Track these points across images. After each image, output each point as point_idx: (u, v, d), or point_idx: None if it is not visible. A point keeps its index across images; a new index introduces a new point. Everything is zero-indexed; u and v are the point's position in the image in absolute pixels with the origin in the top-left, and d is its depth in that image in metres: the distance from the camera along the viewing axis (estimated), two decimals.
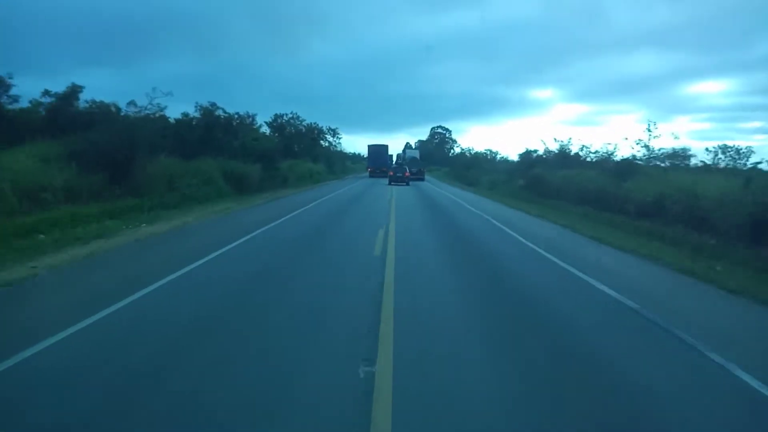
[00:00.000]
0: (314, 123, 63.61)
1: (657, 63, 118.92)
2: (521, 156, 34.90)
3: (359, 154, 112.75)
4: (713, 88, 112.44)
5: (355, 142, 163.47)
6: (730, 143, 22.01)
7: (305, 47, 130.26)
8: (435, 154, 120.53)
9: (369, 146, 57.84)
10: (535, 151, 34.12)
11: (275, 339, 4.73)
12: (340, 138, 64.25)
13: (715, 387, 4.11)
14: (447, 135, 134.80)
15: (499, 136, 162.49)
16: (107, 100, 20.03)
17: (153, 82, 53.99)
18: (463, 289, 7.11)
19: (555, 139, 27.63)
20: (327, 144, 63.94)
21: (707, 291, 7.61)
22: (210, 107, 30.24)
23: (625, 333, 5.41)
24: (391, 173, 39.23)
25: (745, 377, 4.16)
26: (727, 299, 7.13)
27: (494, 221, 15.46)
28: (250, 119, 33.74)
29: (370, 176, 49.88)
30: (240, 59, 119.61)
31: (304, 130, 61.47)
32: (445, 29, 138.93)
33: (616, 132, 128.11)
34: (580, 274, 7.97)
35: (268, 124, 54.80)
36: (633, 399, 3.73)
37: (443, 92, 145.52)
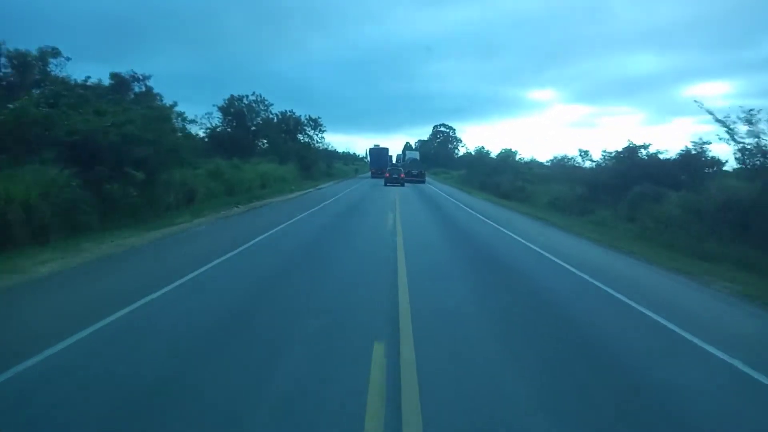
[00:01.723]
0: (289, 111, 48.84)
1: (658, 64, 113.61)
2: (619, 155, 19.91)
3: (354, 153, 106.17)
4: (714, 90, 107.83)
5: (353, 143, 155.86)
6: None
7: (303, 44, 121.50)
8: (439, 154, 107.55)
9: (371, 149, 57.69)
10: (644, 146, 19.39)
11: None
12: (323, 131, 49.62)
13: None
14: (451, 133, 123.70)
15: (495, 136, 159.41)
16: None
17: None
18: None
19: None
20: (307, 139, 49.31)
21: None
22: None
23: None
24: (387, 175, 39.40)
25: None
26: None
27: None
28: (140, 81, 18.99)
29: (372, 177, 49.67)
30: (235, 56, 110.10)
31: (275, 119, 46.72)
32: (444, 28, 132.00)
33: (616, 134, 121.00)
34: None
35: (220, 109, 40.10)
36: None
37: (442, 91, 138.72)
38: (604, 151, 21.27)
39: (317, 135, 49.25)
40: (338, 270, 7.62)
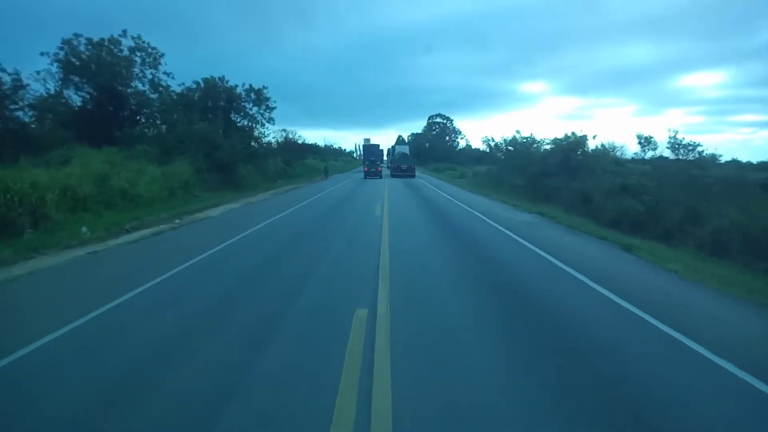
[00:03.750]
0: (217, 78, 31.31)
1: (650, 54, 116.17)
2: None
3: (339, 147, 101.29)
4: (707, 80, 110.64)
5: (343, 138, 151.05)
6: None
7: (288, 37, 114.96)
8: (437, 148, 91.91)
9: (364, 146, 58.57)
10: None
11: None
12: (272, 108, 32.11)
13: None
14: (448, 125, 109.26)
15: (486, 130, 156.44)
16: None
17: None
18: None
19: None
20: (245, 122, 31.89)
21: None
22: None
23: None
24: (366, 169, 41.76)
25: None
26: None
27: None
28: None
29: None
30: (219, 50, 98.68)
31: (189, 89, 29.18)
32: (434, 20, 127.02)
33: (609, 126, 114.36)
34: None
35: (57, 61, 22.43)
36: None
37: (433, 85, 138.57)
38: None
39: (263, 115, 31.94)
40: None
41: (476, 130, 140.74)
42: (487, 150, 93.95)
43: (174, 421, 2.91)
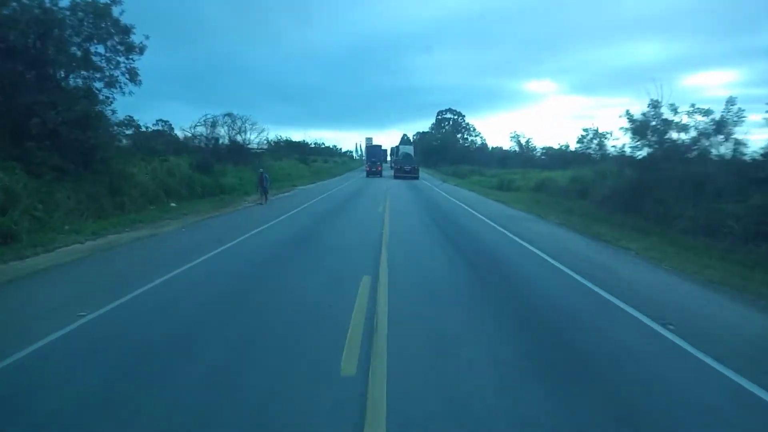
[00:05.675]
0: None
1: (658, 53, 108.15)
2: None
3: (334, 147, 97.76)
4: (714, 80, 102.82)
5: (345, 138, 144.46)
6: None
7: (287, 36, 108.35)
8: (448, 146, 77.41)
9: (366, 147, 58.66)
10: None
11: None
12: (135, 50, 15.23)
13: None
14: (460, 121, 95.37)
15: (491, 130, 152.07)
16: None
17: None
18: None
19: None
20: (79, 81, 14.73)
21: None
22: None
23: None
24: (368, 168, 45.59)
25: None
26: None
27: None
28: None
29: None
30: (218, 50, 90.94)
31: None
32: (438, 17, 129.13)
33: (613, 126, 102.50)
34: None
35: None
36: None
37: (437, 85, 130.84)
38: None
39: (116, 64, 14.93)
40: None
41: (481, 130, 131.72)
42: (517, 149, 73.01)
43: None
